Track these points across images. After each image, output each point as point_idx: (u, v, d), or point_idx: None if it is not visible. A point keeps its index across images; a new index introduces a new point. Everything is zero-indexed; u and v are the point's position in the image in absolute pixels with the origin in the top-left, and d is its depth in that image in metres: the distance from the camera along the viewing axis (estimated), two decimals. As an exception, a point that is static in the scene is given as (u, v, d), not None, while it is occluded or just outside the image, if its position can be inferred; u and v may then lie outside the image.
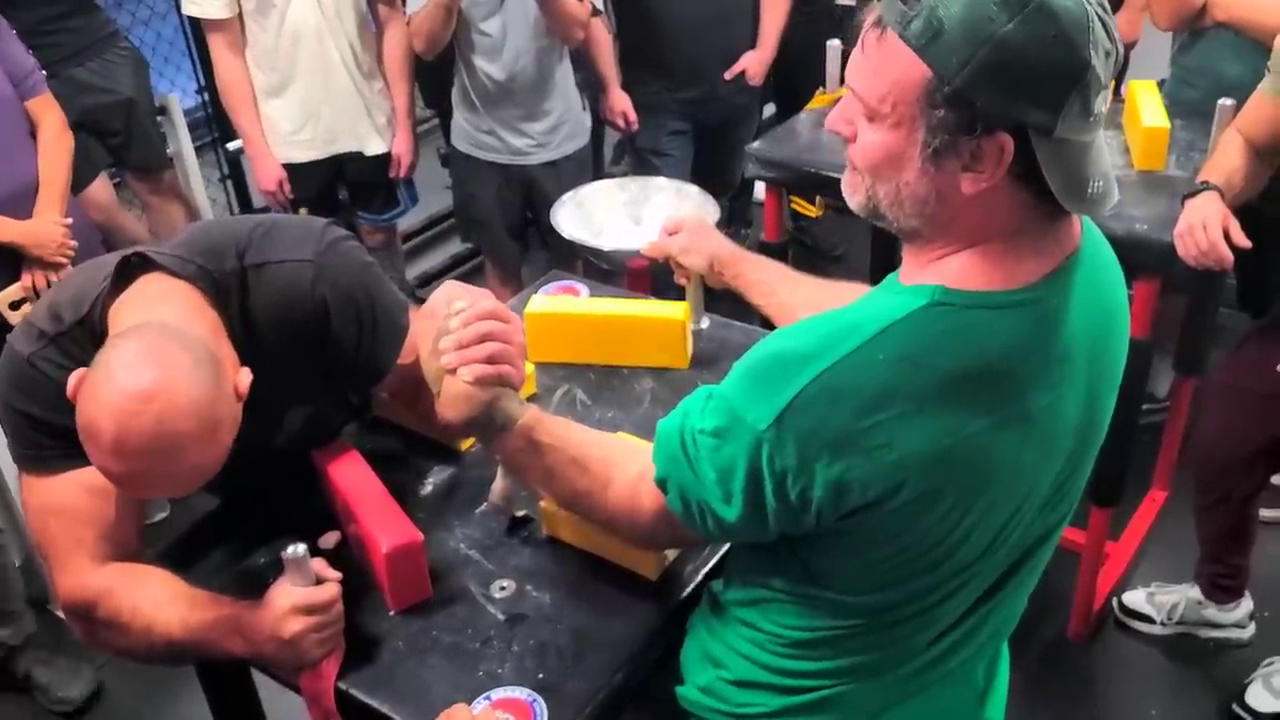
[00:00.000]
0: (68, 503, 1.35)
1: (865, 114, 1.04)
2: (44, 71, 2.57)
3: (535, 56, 2.89)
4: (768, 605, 1.23)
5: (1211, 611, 2.50)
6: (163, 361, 1.17)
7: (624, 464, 1.26)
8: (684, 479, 1.15)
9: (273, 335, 1.40)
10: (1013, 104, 0.97)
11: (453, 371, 1.24)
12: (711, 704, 1.30)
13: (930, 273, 1.07)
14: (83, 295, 1.35)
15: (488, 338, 1.24)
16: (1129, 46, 3.07)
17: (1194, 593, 2.50)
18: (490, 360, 1.24)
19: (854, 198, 1.11)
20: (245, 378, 1.27)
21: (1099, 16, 0.98)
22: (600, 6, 2.96)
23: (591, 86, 3.23)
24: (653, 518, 1.22)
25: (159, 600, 1.33)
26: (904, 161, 1.02)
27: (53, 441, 1.34)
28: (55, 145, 2.51)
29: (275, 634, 1.27)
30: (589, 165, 3.19)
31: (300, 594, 1.26)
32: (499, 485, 1.43)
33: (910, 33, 0.97)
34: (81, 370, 1.20)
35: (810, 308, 1.22)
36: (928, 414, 1.01)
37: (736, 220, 3.91)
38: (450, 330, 1.25)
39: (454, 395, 1.25)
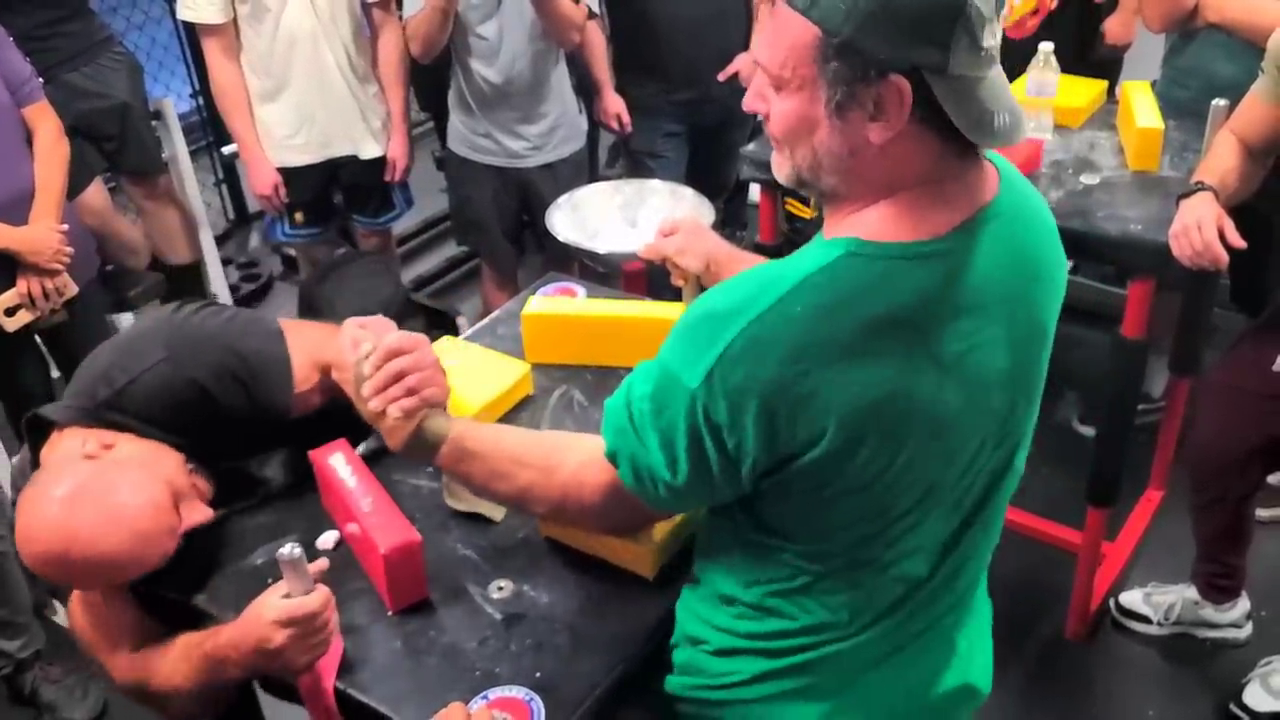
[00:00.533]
0: (83, 619, 1.51)
1: (772, 84, 1.09)
2: (41, 79, 2.57)
3: (531, 60, 2.90)
4: (733, 567, 1.25)
5: (1208, 611, 2.50)
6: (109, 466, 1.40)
7: (565, 450, 1.28)
8: (632, 449, 1.17)
9: (182, 430, 1.50)
10: (901, 46, 1.01)
11: (382, 412, 1.29)
12: (695, 681, 1.32)
13: (846, 226, 1.11)
14: (22, 469, 1.55)
15: (401, 373, 1.29)
16: (1124, 49, 3.08)
17: (1191, 592, 2.51)
18: (410, 392, 1.29)
19: (781, 172, 1.15)
20: (198, 514, 1.44)
21: None
22: (596, 9, 2.97)
23: (586, 89, 3.23)
24: (601, 495, 1.23)
25: (168, 666, 1.41)
26: (814, 122, 1.07)
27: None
28: (51, 152, 2.52)
29: (261, 645, 1.29)
30: (585, 168, 3.19)
31: (283, 607, 1.28)
32: (446, 476, 1.49)
33: None
34: None
35: None
36: (844, 362, 1.05)
37: (732, 222, 3.92)
38: (366, 376, 1.30)
39: (388, 431, 1.31)
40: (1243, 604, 2.50)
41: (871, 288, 1.06)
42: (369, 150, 3.08)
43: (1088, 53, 2.94)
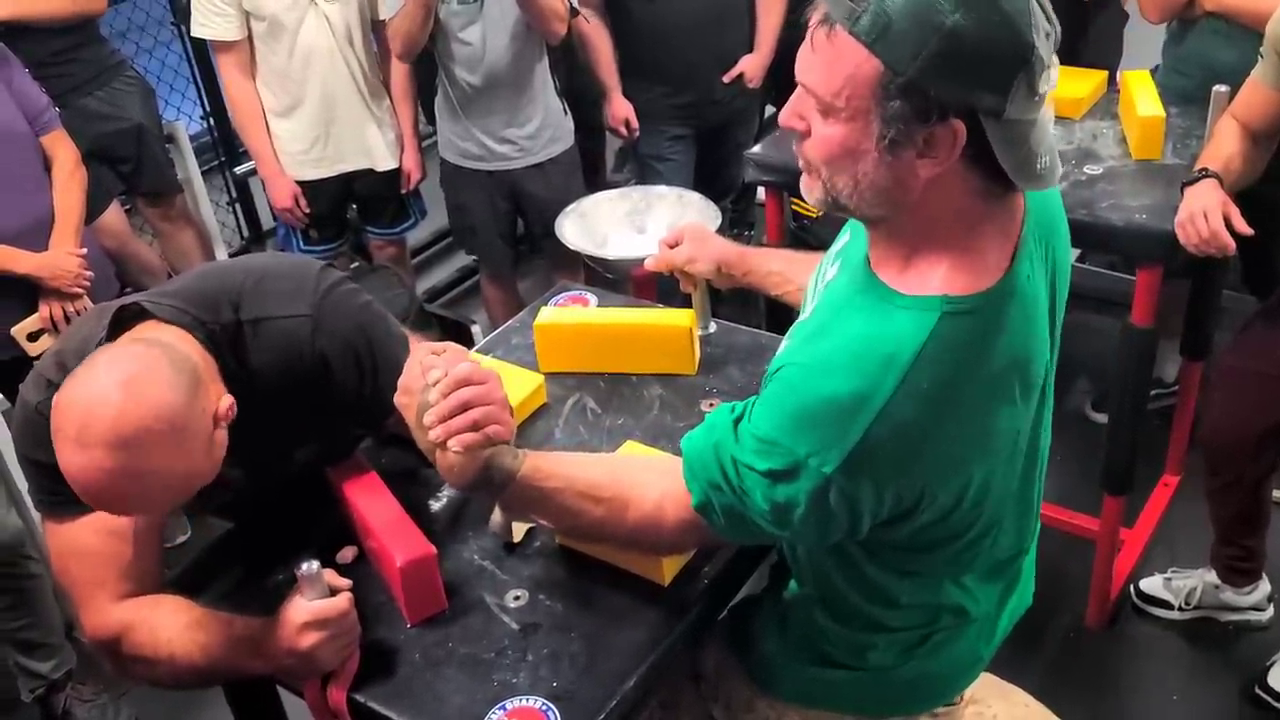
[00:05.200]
0: (85, 544, 1.39)
1: (819, 109, 1.07)
2: (57, 108, 2.62)
3: (513, 61, 2.91)
4: (887, 588, 1.32)
5: (1229, 595, 2.50)
6: (140, 361, 1.23)
7: (637, 484, 1.30)
8: (728, 503, 1.19)
9: (275, 386, 1.43)
10: (964, 90, 1.00)
11: (443, 444, 1.26)
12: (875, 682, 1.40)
13: (918, 278, 1.12)
14: (86, 343, 1.38)
15: (468, 404, 1.25)
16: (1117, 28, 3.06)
17: (1211, 577, 2.51)
18: (475, 426, 1.25)
19: (813, 194, 1.15)
20: (226, 402, 1.30)
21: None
22: (575, 5, 2.98)
23: (572, 94, 3.24)
24: (679, 531, 1.26)
25: (176, 630, 1.36)
26: (860, 153, 1.06)
27: (67, 487, 1.35)
28: (70, 179, 2.56)
29: (293, 649, 1.30)
30: (577, 168, 3.20)
31: (313, 608, 1.29)
32: (497, 518, 1.46)
33: (860, 28, 1.00)
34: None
35: None
36: (975, 420, 1.11)
37: (739, 223, 3.93)
38: (431, 404, 1.26)
39: (449, 467, 1.27)
40: (1263, 586, 2.50)
41: (981, 344, 1.10)
42: (384, 163, 3.12)
43: (1077, 51, 2.92)
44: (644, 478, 1.30)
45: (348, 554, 1.54)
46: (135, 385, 1.19)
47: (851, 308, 1.16)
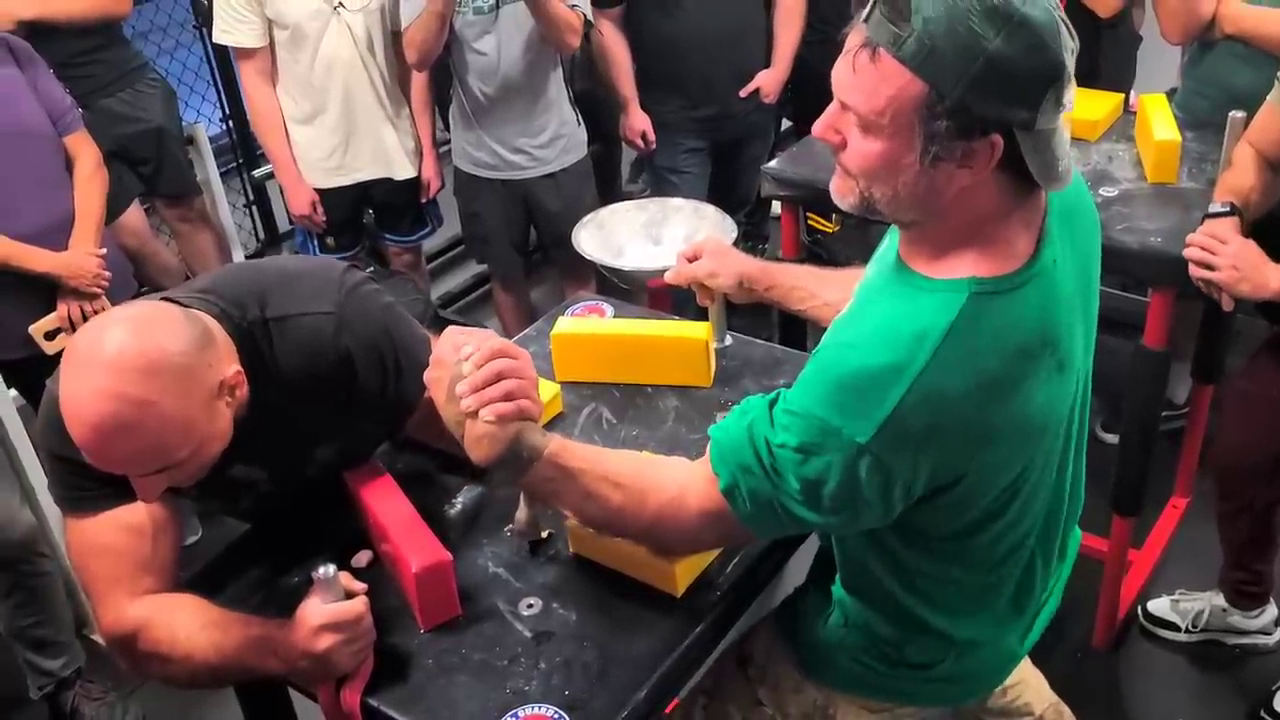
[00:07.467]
0: (105, 541, 1.40)
1: (859, 125, 1.13)
2: (80, 110, 2.64)
3: (527, 71, 2.92)
4: (943, 593, 1.36)
5: (1237, 618, 2.50)
6: (154, 309, 1.32)
7: (656, 474, 1.32)
8: (758, 486, 1.21)
9: (300, 383, 1.45)
10: (1004, 108, 1.08)
11: (474, 415, 1.26)
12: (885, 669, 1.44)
13: (946, 266, 1.18)
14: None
15: (501, 375, 1.26)
16: (1120, 29, 3.07)
17: (1218, 599, 2.50)
18: (508, 396, 1.26)
19: (846, 199, 1.20)
20: (236, 377, 1.34)
21: (1061, 20, 1.10)
22: (589, 17, 2.99)
23: (586, 104, 3.25)
24: (699, 521, 1.28)
25: (193, 628, 1.37)
26: (902, 167, 1.12)
27: (92, 484, 1.38)
28: (90, 180, 2.58)
29: (308, 651, 1.31)
30: (590, 178, 3.21)
31: (329, 611, 1.31)
32: (523, 515, 1.47)
33: (905, 53, 1.07)
34: None
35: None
36: (1008, 396, 1.15)
37: (753, 236, 3.93)
38: (464, 375, 1.27)
39: (479, 437, 1.27)
40: (1271, 610, 2.50)
41: (1008, 321, 1.15)
42: (403, 171, 3.13)
43: (1093, 73, 2.92)
44: (666, 471, 1.33)
45: (363, 558, 1.55)
46: (144, 321, 1.27)
47: (884, 295, 1.22)
